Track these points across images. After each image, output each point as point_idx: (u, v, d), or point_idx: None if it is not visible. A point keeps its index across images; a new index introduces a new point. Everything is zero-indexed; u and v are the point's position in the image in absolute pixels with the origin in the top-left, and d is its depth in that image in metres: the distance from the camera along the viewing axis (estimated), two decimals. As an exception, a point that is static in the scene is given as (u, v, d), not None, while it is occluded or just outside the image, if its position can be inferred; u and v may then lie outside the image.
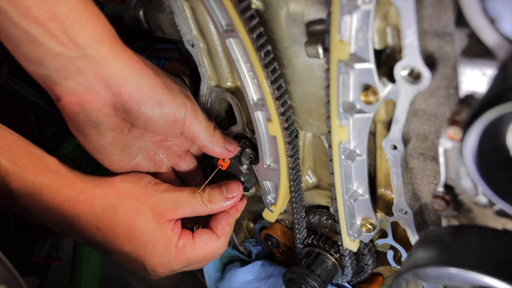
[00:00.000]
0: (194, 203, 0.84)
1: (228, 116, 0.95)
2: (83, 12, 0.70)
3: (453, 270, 0.55)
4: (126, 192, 0.82)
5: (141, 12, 0.91)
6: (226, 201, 0.87)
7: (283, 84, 0.75)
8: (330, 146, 0.73)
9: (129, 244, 0.81)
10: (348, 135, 0.70)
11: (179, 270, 0.86)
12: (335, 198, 0.80)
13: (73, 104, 0.75)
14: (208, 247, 0.85)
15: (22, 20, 0.67)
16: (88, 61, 0.72)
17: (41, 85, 0.75)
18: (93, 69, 0.72)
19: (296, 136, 0.83)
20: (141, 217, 0.81)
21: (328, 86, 0.65)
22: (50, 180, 0.78)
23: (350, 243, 0.86)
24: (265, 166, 0.87)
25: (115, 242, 0.81)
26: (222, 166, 0.92)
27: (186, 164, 0.94)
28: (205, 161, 0.98)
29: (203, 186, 0.86)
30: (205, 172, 0.97)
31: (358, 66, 0.61)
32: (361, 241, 0.88)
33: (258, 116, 0.80)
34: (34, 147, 0.81)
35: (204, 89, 0.88)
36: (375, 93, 0.63)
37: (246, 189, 0.94)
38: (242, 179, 0.94)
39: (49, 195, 0.78)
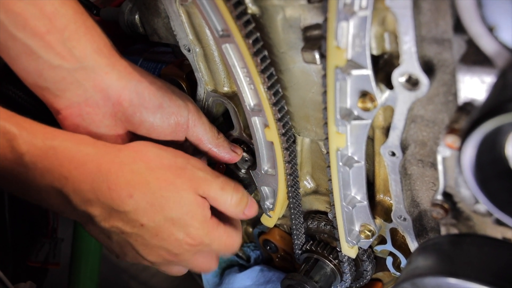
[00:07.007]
0: (222, 195, 0.76)
1: (225, 121, 0.94)
2: (80, 24, 0.70)
3: (452, 281, 0.55)
4: (154, 158, 0.73)
5: (136, 17, 0.90)
6: (241, 215, 0.80)
7: (280, 90, 0.74)
8: (327, 152, 0.72)
9: (164, 213, 0.72)
10: (346, 141, 0.69)
11: (205, 248, 0.77)
12: (333, 205, 0.79)
13: (73, 117, 0.74)
14: (232, 234, 0.79)
15: (20, 33, 0.66)
16: (87, 72, 0.71)
17: (41, 99, 0.75)
18: (92, 80, 0.72)
19: (294, 141, 0.82)
20: (177, 189, 0.72)
21: (325, 93, 0.64)
22: (64, 139, 0.69)
23: (348, 250, 0.85)
24: (262, 172, 0.87)
25: (148, 211, 0.71)
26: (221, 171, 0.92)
27: None
28: None
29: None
30: None
31: (355, 72, 0.60)
32: (360, 247, 0.87)
33: (255, 122, 0.79)
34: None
35: (201, 93, 0.88)
36: (372, 99, 0.62)
37: None
38: (246, 182, 0.93)
39: (66, 154, 0.67)
